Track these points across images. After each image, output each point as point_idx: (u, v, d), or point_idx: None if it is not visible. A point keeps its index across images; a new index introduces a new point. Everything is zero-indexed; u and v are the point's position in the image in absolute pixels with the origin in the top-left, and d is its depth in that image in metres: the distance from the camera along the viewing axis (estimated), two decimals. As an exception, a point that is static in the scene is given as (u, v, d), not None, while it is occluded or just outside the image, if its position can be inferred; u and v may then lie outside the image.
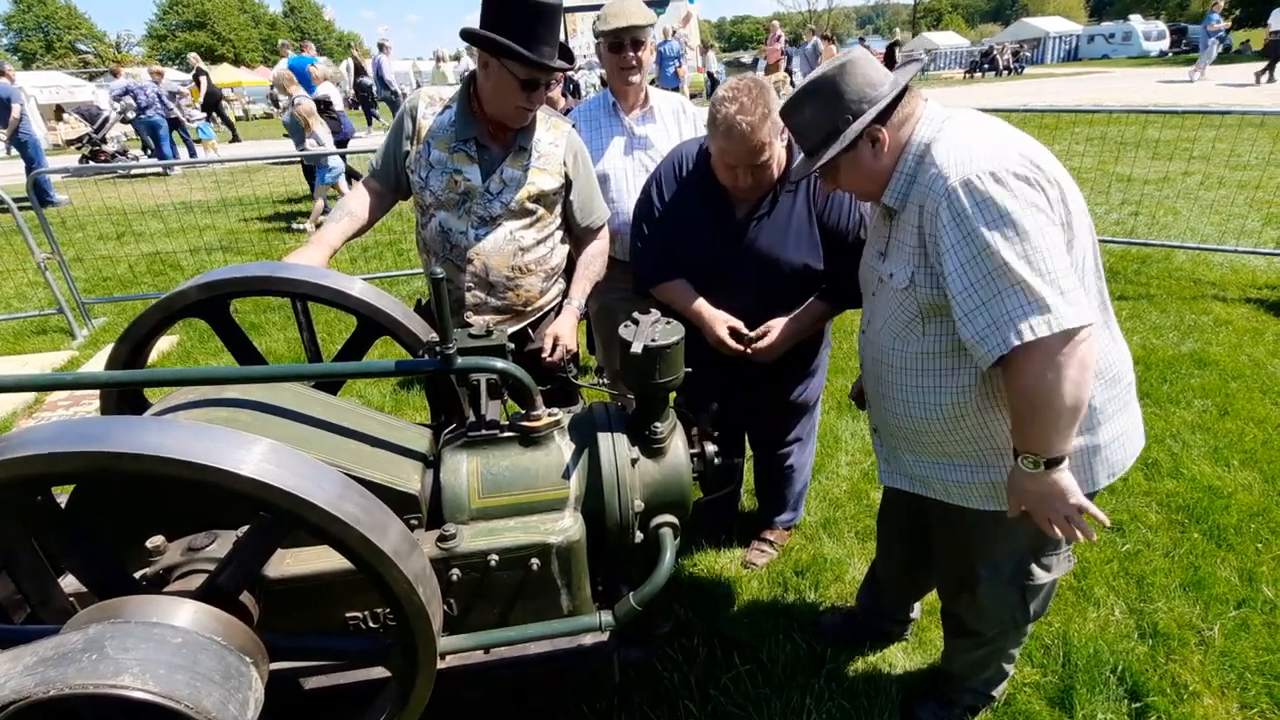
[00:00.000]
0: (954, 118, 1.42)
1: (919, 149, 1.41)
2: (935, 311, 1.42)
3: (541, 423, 1.51)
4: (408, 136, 2.07)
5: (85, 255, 7.27)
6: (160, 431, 1.04)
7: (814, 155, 1.47)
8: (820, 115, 1.43)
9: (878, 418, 1.71)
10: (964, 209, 1.27)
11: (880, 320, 1.55)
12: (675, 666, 2.15)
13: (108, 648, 1.01)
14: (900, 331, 1.49)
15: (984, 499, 1.55)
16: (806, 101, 1.44)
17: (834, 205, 2.00)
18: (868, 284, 1.65)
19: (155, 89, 11.75)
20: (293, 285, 1.68)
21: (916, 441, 1.59)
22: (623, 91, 2.58)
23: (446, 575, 1.39)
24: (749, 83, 1.82)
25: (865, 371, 1.71)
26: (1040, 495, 1.36)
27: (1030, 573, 1.61)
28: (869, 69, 1.41)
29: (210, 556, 1.28)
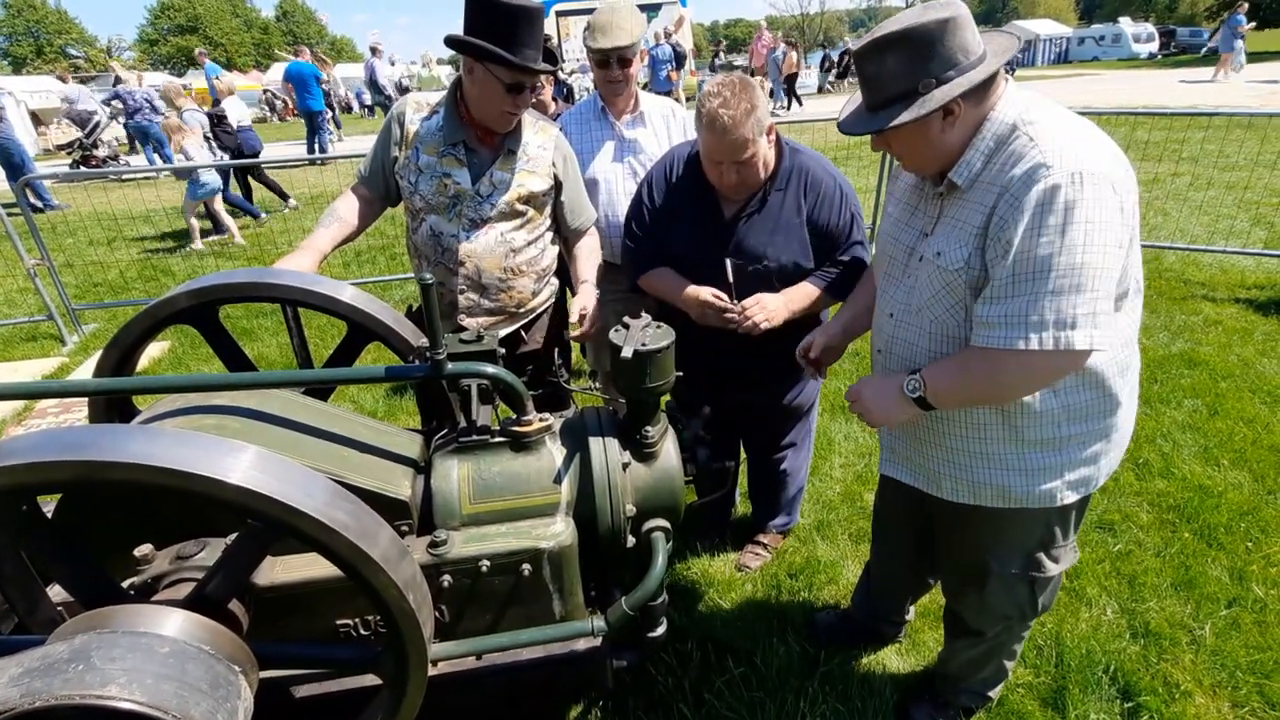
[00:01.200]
0: (1040, 103, 1.33)
1: (1001, 129, 1.31)
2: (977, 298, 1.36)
3: (532, 427, 1.51)
4: (396, 142, 2.07)
5: (76, 261, 7.22)
6: (145, 440, 1.03)
7: (877, 111, 1.33)
8: (903, 69, 1.27)
9: None
10: (1053, 202, 1.20)
11: (919, 300, 1.45)
12: (669, 670, 2.14)
13: (94, 658, 1.00)
14: (943, 315, 1.41)
15: (998, 498, 1.51)
16: (891, 50, 1.27)
17: (823, 204, 2.00)
18: (894, 262, 1.55)
19: (144, 94, 11.68)
20: (282, 291, 1.67)
21: (934, 432, 1.53)
22: (612, 99, 2.60)
23: (437, 581, 1.39)
24: (734, 79, 1.84)
25: (890, 355, 1.57)
26: (880, 406, 1.48)
27: (1040, 564, 1.60)
28: (968, 33, 1.27)
29: (199, 565, 1.27)
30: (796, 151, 2.04)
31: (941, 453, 1.55)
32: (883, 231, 1.63)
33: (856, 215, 2.04)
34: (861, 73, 1.35)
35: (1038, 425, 1.43)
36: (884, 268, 1.61)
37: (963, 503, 1.56)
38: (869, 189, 6.66)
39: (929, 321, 1.45)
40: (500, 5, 1.82)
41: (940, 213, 1.43)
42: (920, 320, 1.47)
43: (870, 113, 1.36)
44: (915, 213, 1.52)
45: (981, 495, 1.53)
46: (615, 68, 2.47)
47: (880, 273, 1.63)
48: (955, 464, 1.53)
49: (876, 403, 1.49)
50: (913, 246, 1.50)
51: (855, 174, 8.03)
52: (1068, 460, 1.46)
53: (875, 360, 1.66)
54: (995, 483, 1.50)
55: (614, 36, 2.40)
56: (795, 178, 2.00)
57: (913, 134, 1.33)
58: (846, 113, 1.44)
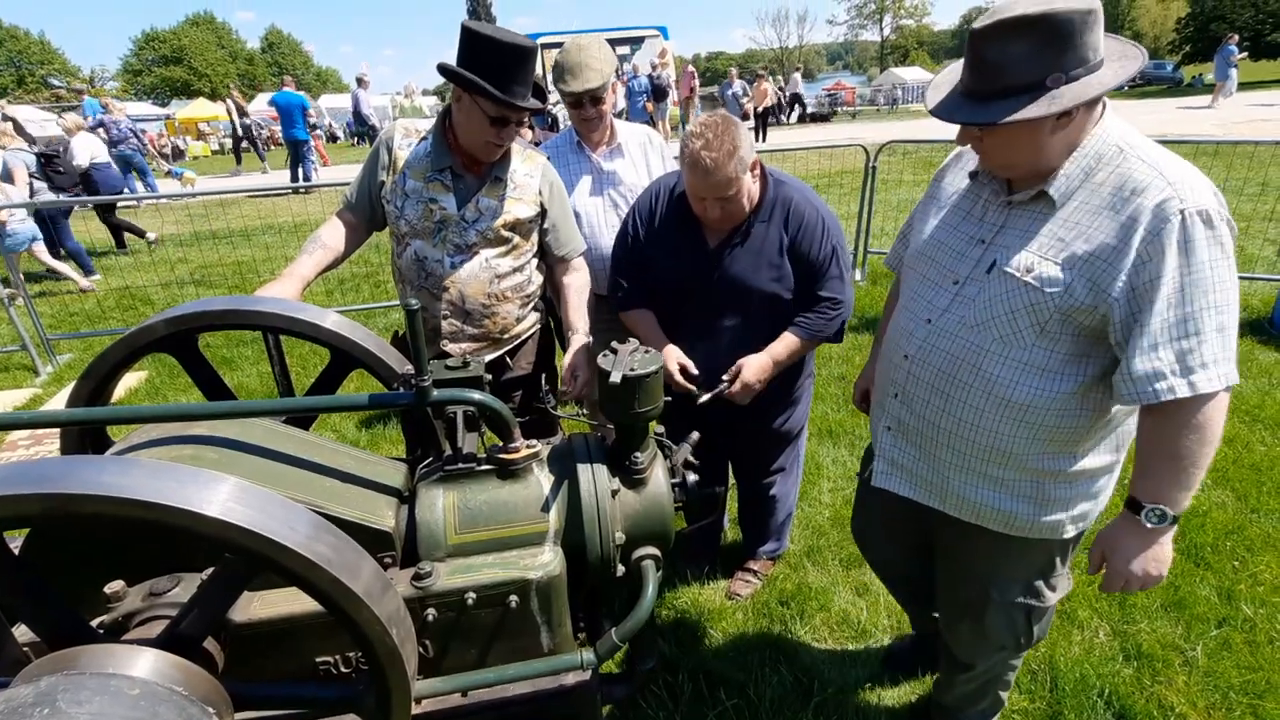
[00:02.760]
0: (1135, 131, 1.28)
1: (1104, 147, 1.25)
2: (1066, 323, 1.28)
3: (519, 455, 1.48)
4: (383, 167, 2.07)
5: (52, 290, 7.11)
6: (118, 471, 1.00)
7: (988, 100, 1.21)
8: (1033, 58, 1.15)
9: (917, 416, 1.52)
10: (1196, 240, 1.15)
11: (981, 314, 1.36)
12: (660, 704, 2.09)
13: (60, 701, 0.95)
14: (1012, 335, 1.33)
15: (1003, 525, 1.48)
16: (1023, 34, 1.14)
17: (805, 236, 2.02)
18: (938, 267, 1.47)
19: (129, 123, 11.65)
20: (263, 318, 1.64)
21: (963, 454, 1.46)
22: (588, 135, 2.60)
23: (422, 615, 1.35)
24: (717, 119, 1.86)
25: (924, 364, 1.47)
26: (1145, 553, 1.31)
27: (1039, 593, 1.57)
28: (1101, 30, 1.18)
29: (172, 601, 1.22)
30: (781, 183, 2.06)
31: (955, 472, 1.49)
32: (921, 234, 1.56)
33: (838, 248, 2.06)
34: (977, 55, 1.21)
35: (1065, 458, 1.39)
36: (922, 271, 1.52)
37: (965, 520, 1.52)
38: (851, 215, 6.76)
39: (992, 339, 1.35)
40: (491, 41, 1.84)
41: (1006, 222, 1.37)
42: (979, 336, 1.37)
43: (976, 101, 1.23)
44: (968, 218, 1.45)
45: (985, 518, 1.49)
46: (589, 107, 2.48)
47: (915, 276, 1.55)
48: (967, 483, 1.48)
49: (1153, 566, 1.33)
50: (964, 253, 1.42)
51: (838, 201, 8.16)
52: (1077, 494, 1.44)
53: (896, 367, 1.55)
54: (1003, 508, 1.46)
55: (585, 78, 2.39)
56: (779, 209, 2.03)
57: (1021, 133, 1.22)
58: (938, 98, 1.31)
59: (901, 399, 1.55)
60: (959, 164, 1.59)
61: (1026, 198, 1.33)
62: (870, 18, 72.02)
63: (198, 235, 9.03)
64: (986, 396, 1.38)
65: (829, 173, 9.61)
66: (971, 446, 1.44)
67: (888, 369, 1.61)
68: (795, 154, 10.24)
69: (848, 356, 4.65)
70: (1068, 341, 1.31)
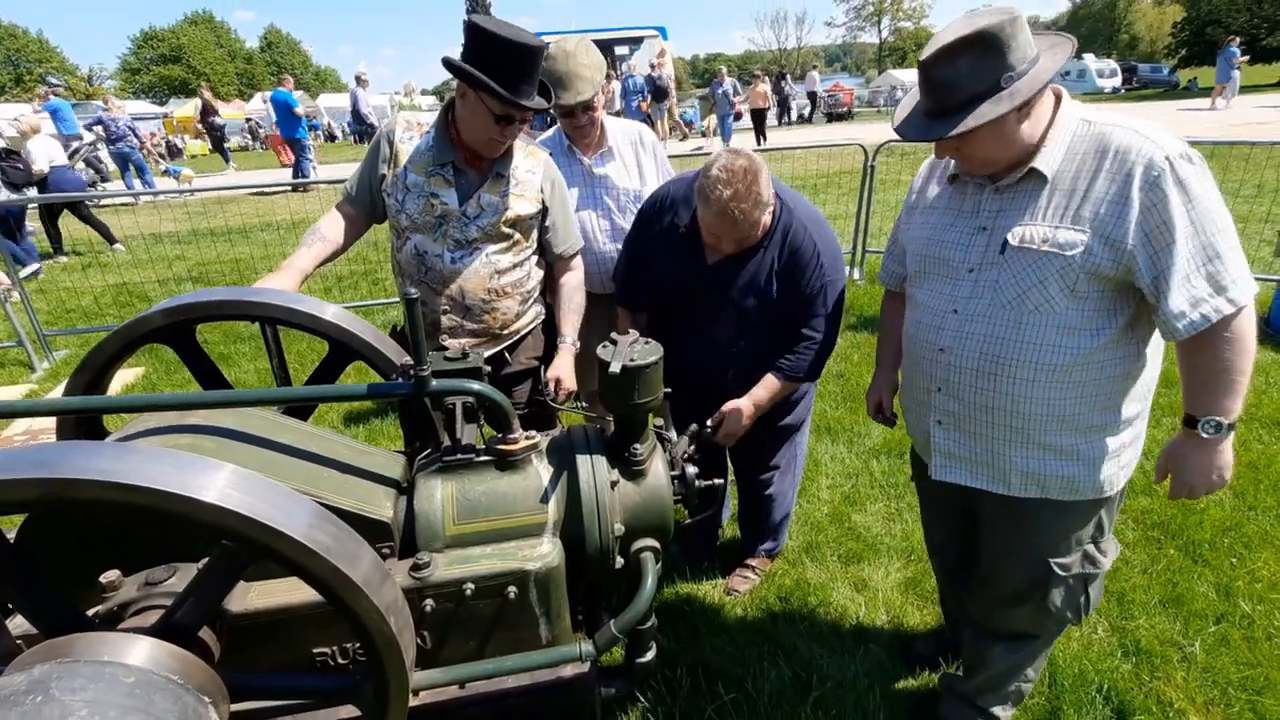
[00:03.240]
0: (1091, 108, 1.45)
1: (1076, 125, 1.40)
2: (1093, 280, 1.38)
3: (518, 446, 1.48)
4: (384, 160, 2.06)
5: (48, 286, 7.09)
6: (115, 457, 0.99)
7: (949, 116, 1.36)
8: (981, 69, 1.32)
9: (966, 404, 1.57)
10: (1189, 178, 1.29)
11: (1010, 292, 1.45)
12: (658, 698, 2.09)
13: (54, 689, 0.94)
14: (1045, 303, 1.42)
15: (1069, 491, 1.54)
16: (966, 52, 1.32)
17: (797, 268, 2.01)
18: (946, 264, 1.56)
19: (127, 121, 11.64)
20: (262, 309, 1.64)
21: (1020, 429, 1.51)
22: (579, 140, 2.56)
23: (420, 606, 1.34)
24: (744, 167, 1.83)
25: (963, 353, 1.53)
26: (1208, 461, 1.41)
27: (1095, 559, 1.63)
28: (1028, 30, 1.35)
29: (168, 591, 1.22)
30: (790, 209, 2.04)
31: (1013, 449, 1.54)
32: (919, 239, 1.65)
33: (829, 286, 2.05)
34: (931, 80, 1.38)
35: (1109, 411, 1.48)
36: (932, 271, 1.62)
37: (1030, 497, 1.56)
38: (849, 215, 6.77)
39: (1028, 310, 1.44)
40: (497, 38, 1.82)
41: (1002, 206, 1.48)
42: (1013, 311, 1.46)
43: (941, 118, 1.38)
44: (961, 214, 1.56)
45: (1050, 487, 1.54)
46: (580, 115, 2.43)
47: (925, 278, 1.64)
48: (1029, 457, 1.53)
49: (1215, 473, 1.43)
50: (969, 244, 1.52)
51: (836, 201, 8.16)
52: (1122, 443, 1.52)
53: (933, 362, 1.60)
54: (1066, 474, 1.52)
55: (577, 89, 2.35)
56: (779, 235, 2.02)
57: (992, 132, 1.36)
58: (903, 122, 1.47)
59: (946, 391, 1.60)
60: (933, 175, 1.71)
61: (1015, 179, 1.45)
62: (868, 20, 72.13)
63: (196, 233, 9.01)
64: (1034, 367, 1.45)
65: (828, 173, 9.62)
66: (1027, 419, 1.50)
67: (921, 367, 1.65)
68: (794, 154, 10.26)
69: (846, 355, 4.65)
70: (1095, 298, 1.40)
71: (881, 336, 2.02)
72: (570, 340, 2.19)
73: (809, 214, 2.06)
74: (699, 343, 2.14)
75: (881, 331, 2.01)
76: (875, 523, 2.91)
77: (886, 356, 1.99)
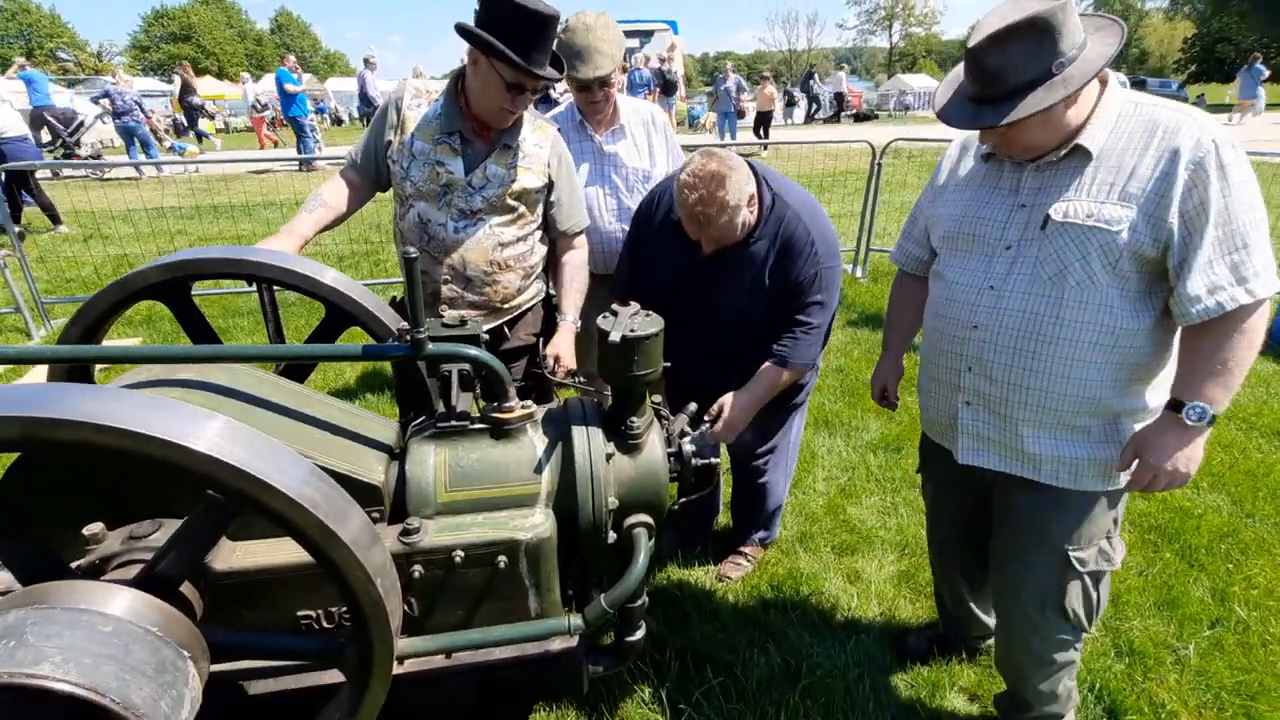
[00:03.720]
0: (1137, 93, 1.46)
1: (1123, 106, 1.39)
2: (1135, 259, 1.36)
3: (514, 415, 1.45)
4: (391, 126, 2.03)
5: (49, 256, 7.05)
6: (103, 400, 0.96)
7: (998, 102, 1.34)
8: (1032, 55, 1.29)
9: (999, 383, 1.54)
10: (1230, 163, 1.28)
11: (1051, 268, 1.43)
12: (646, 680, 2.07)
13: (28, 634, 0.92)
14: (1086, 279, 1.40)
15: (1096, 478, 1.52)
16: (1017, 39, 1.29)
17: (790, 256, 1.99)
18: (981, 241, 1.54)
19: (134, 96, 11.59)
20: (260, 269, 1.61)
21: (1052, 410, 1.49)
22: (592, 116, 2.54)
23: (408, 572, 1.32)
24: (713, 170, 1.82)
25: (1000, 330, 1.51)
26: (1181, 451, 1.39)
27: (1109, 555, 1.61)
28: (1076, 14, 1.32)
29: (152, 546, 1.20)
30: (781, 199, 2.01)
31: (1044, 431, 1.52)
32: (951, 216, 1.62)
33: (824, 273, 2.01)
34: (979, 66, 1.35)
35: (1140, 396, 1.47)
36: (964, 248, 1.58)
37: (1055, 485, 1.54)
38: (854, 214, 6.74)
39: (1069, 287, 1.41)
40: (513, 4, 1.79)
41: (1043, 183, 1.45)
42: (1054, 288, 1.43)
43: (990, 104, 1.35)
44: (997, 190, 1.54)
45: (1082, 474, 1.52)
46: (596, 91, 2.41)
47: (956, 255, 1.61)
48: (1059, 441, 1.51)
49: (1185, 462, 1.40)
50: (1007, 220, 1.50)
51: (841, 200, 8.13)
52: None
53: (964, 341, 1.57)
54: (1097, 458, 1.50)
55: (595, 64, 2.32)
56: (772, 228, 2.00)
57: (1041, 119, 1.34)
58: (945, 106, 1.45)
59: (977, 370, 1.57)
60: (965, 153, 1.67)
61: (1058, 157, 1.43)
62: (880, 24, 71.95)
63: (199, 209, 8.98)
64: (1073, 345, 1.43)
65: (834, 172, 9.58)
66: (1061, 400, 1.47)
67: (951, 346, 1.61)
68: (801, 153, 10.25)
69: (846, 350, 4.63)
70: (1135, 279, 1.39)
71: (891, 320, 1.98)
72: (571, 319, 2.17)
73: (802, 201, 2.03)
74: (698, 339, 2.12)
75: (891, 314, 1.97)
76: (870, 516, 2.89)
77: (896, 340, 1.96)
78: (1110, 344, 1.42)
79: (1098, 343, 1.42)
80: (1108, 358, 1.43)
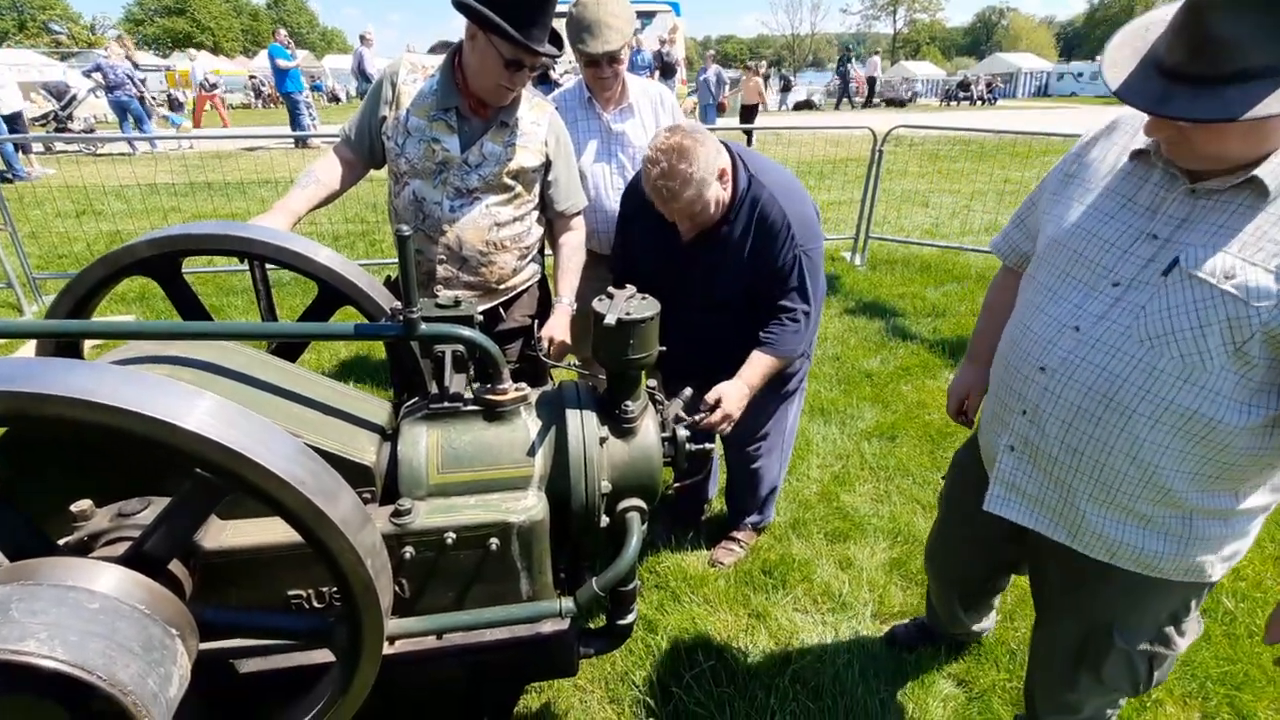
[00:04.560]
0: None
1: None
2: (1269, 344, 1.07)
3: (507, 396, 1.44)
4: (386, 101, 2.00)
5: (41, 232, 6.98)
6: (88, 375, 0.95)
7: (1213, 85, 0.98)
8: (1270, 36, 0.94)
9: (1052, 440, 1.30)
10: None
11: (1157, 326, 1.13)
12: (638, 663, 2.08)
13: (13, 610, 0.92)
14: (1196, 355, 1.10)
15: (1136, 562, 1.29)
16: (1264, 8, 0.93)
17: (767, 242, 1.95)
18: (1089, 265, 1.24)
19: (125, 69, 11.42)
20: (250, 245, 1.58)
21: (1108, 486, 1.25)
22: (601, 93, 2.52)
23: (399, 553, 1.31)
24: (676, 142, 1.78)
25: (1069, 381, 1.24)
26: None
27: (1169, 639, 1.40)
28: None
29: (140, 523, 1.19)
30: (756, 178, 1.96)
31: (1092, 505, 1.29)
32: (1063, 220, 1.31)
33: (804, 256, 1.97)
34: (1202, 29, 0.98)
35: (1227, 496, 1.21)
36: (1063, 267, 1.29)
37: (1096, 559, 1.34)
38: (853, 201, 6.71)
39: (1169, 358, 1.12)
40: None
41: (1191, 215, 1.14)
42: (1151, 353, 1.14)
43: (1195, 85, 1.00)
44: (1130, 206, 1.22)
45: (1121, 557, 1.30)
46: (605, 67, 2.38)
47: (1053, 272, 1.31)
48: (1107, 519, 1.28)
49: None
50: (1128, 249, 1.19)
51: (840, 188, 8.08)
52: (1230, 533, 1.26)
53: (1027, 380, 1.32)
54: (1147, 549, 1.27)
55: (605, 39, 2.29)
56: (747, 210, 1.96)
57: (1252, 127, 1.00)
58: (1124, 80, 1.09)
59: (1032, 418, 1.32)
60: (1110, 137, 1.34)
61: (1225, 186, 1.10)
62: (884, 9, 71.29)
63: (192, 185, 8.88)
64: (1152, 425, 1.17)
65: (834, 159, 9.52)
66: (1121, 479, 1.23)
67: (1013, 381, 1.37)
68: (802, 139, 10.18)
69: (842, 338, 4.62)
70: (1263, 368, 1.09)
71: (982, 322, 1.70)
72: (567, 301, 2.15)
73: (780, 183, 1.98)
74: (681, 325, 2.07)
75: (984, 314, 1.70)
76: (863, 503, 2.90)
77: (982, 349, 1.65)
78: (1201, 435, 1.14)
79: (1184, 430, 1.15)
80: (1191, 448, 1.16)
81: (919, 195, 8.78)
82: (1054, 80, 39.08)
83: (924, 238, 6.84)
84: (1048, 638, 1.57)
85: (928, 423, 3.50)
